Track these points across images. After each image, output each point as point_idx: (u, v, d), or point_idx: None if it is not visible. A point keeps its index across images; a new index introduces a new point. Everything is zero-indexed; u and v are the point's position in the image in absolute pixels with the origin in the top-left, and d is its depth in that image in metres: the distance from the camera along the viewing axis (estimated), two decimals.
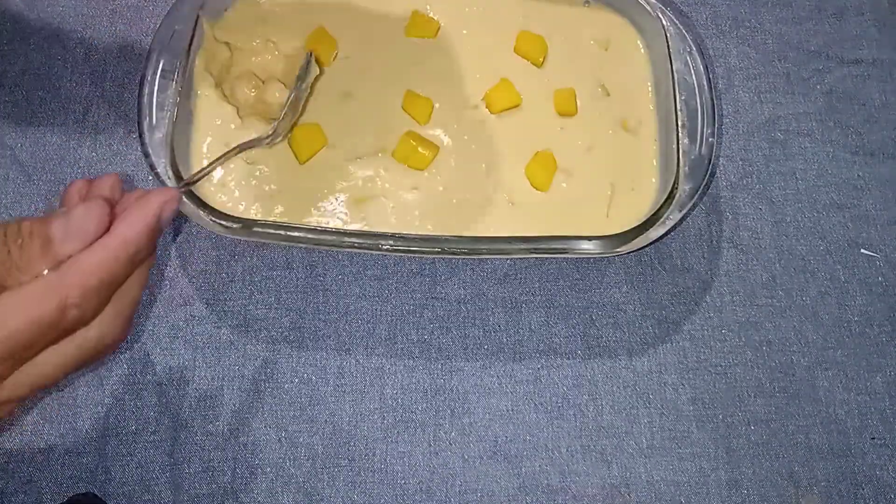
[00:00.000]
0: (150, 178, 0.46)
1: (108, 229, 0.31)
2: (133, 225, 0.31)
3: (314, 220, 0.49)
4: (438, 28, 0.54)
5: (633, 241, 0.47)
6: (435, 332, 0.51)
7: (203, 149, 0.50)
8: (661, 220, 0.48)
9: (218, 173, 0.50)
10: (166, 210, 0.33)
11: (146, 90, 0.48)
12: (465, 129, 0.52)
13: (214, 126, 0.50)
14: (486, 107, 0.52)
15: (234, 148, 0.45)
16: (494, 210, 0.50)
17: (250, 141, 0.47)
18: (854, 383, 0.51)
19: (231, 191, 0.49)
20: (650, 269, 0.53)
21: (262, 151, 0.50)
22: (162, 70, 0.48)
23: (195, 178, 0.41)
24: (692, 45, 0.51)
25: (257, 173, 0.50)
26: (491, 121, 0.52)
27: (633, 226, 0.48)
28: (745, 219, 0.55)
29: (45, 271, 0.30)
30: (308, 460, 0.48)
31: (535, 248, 0.47)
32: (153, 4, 0.58)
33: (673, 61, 0.51)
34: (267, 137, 0.47)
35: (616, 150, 0.52)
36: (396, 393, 0.50)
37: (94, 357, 0.32)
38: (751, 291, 0.53)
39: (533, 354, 0.51)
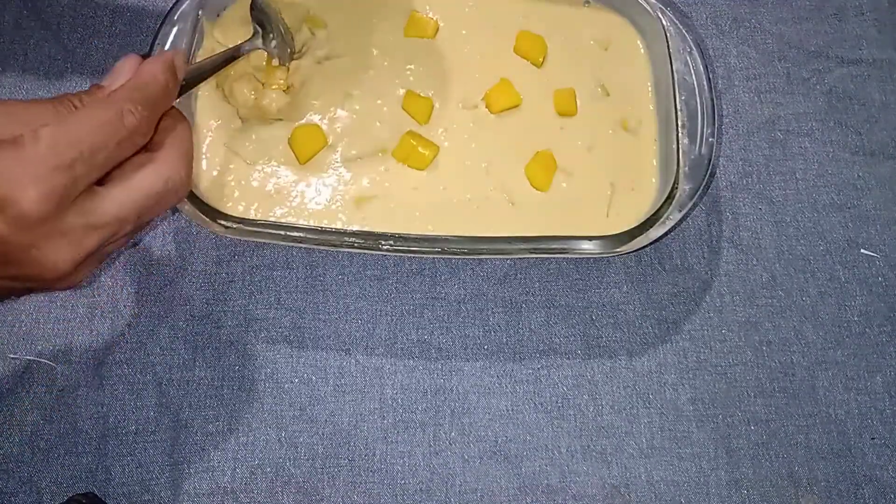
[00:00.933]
0: None
1: None
2: (154, 61, 0.38)
3: (314, 220, 0.49)
4: (437, 28, 0.54)
5: (633, 241, 0.47)
6: (435, 332, 0.51)
7: (203, 149, 0.50)
8: (661, 220, 0.48)
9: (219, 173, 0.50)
10: (177, 57, 0.39)
11: None
12: (465, 129, 0.52)
13: (214, 126, 0.50)
14: (486, 107, 0.52)
15: (232, 48, 0.47)
16: (494, 210, 0.50)
17: (241, 44, 0.48)
18: (854, 383, 0.51)
19: (231, 191, 0.49)
20: (650, 269, 0.53)
21: (262, 151, 0.50)
22: None
23: (193, 66, 0.44)
24: (692, 45, 0.51)
25: (257, 173, 0.50)
26: (491, 121, 0.52)
27: (633, 226, 0.48)
28: (745, 219, 0.55)
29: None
30: (308, 460, 0.48)
31: (535, 248, 0.47)
32: (153, 4, 0.59)
33: (673, 61, 0.51)
34: (248, 42, 0.48)
35: (616, 150, 0.52)
36: (396, 393, 0.50)
37: (167, 196, 0.37)
38: (751, 291, 0.53)
39: (533, 354, 0.51)
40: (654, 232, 0.47)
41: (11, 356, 0.50)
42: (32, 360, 0.50)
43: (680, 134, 0.49)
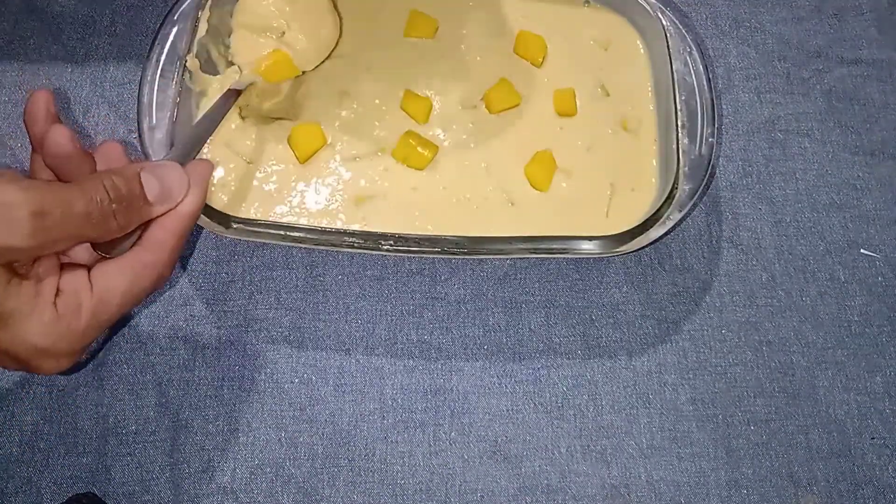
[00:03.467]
0: None
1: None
2: (198, 197, 0.37)
3: (314, 220, 0.49)
4: (437, 28, 0.54)
5: (633, 241, 0.47)
6: (435, 332, 0.51)
7: (203, 149, 0.50)
8: (661, 220, 0.48)
9: (219, 173, 0.50)
10: (210, 177, 0.39)
11: (146, 90, 0.48)
12: (465, 128, 0.52)
13: None
14: (486, 107, 0.52)
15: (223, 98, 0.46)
16: (494, 210, 0.50)
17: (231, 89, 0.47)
18: (854, 383, 0.51)
19: (231, 191, 0.49)
20: (650, 269, 0.53)
21: (262, 151, 0.50)
22: (162, 70, 0.48)
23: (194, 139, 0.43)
24: (692, 45, 0.51)
25: (257, 173, 0.50)
26: (490, 121, 0.52)
27: (633, 226, 0.48)
28: (745, 219, 0.55)
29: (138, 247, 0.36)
30: (308, 460, 0.48)
31: (535, 248, 0.47)
32: (153, 4, 0.59)
33: (673, 61, 0.51)
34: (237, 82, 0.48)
35: (616, 150, 0.52)
36: (396, 393, 0.50)
37: (154, 289, 0.37)
38: (751, 291, 0.53)
39: (533, 354, 0.51)
40: (654, 232, 0.47)
41: None
42: None
43: (680, 134, 0.49)
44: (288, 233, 0.47)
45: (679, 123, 0.49)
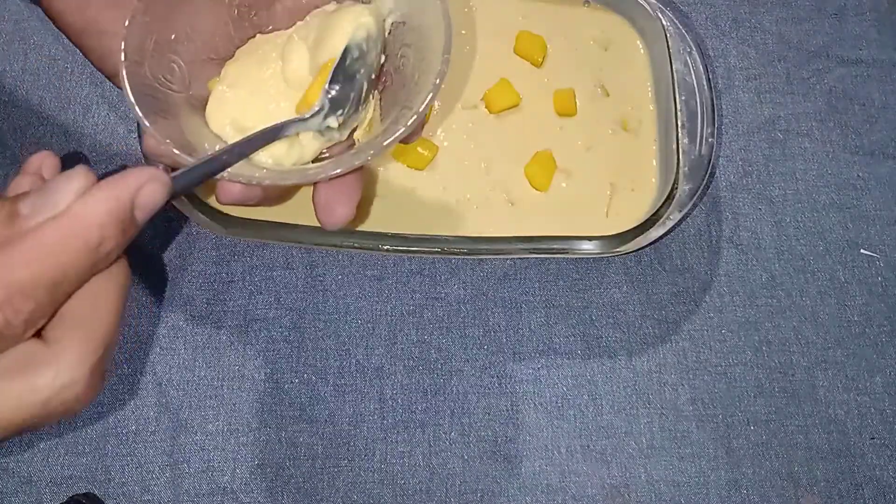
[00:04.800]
0: None
1: None
2: (96, 204, 0.23)
3: (314, 220, 0.49)
4: None
5: (633, 242, 0.47)
6: (435, 333, 0.51)
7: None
8: (661, 220, 0.48)
9: None
10: (144, 195, 0.24)
11: None
12: (465, 129, 0.52)
13: None
14: (486, 107, 0.52)
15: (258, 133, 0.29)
16: (494, 210, 0.50)
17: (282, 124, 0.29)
18: (854, 383, 0.51)
19: None
20: (650, 269, 0.53)
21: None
22: None
23: (194, 171, 0.29)
24: (692, 45, 0.51)
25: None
26: (490, 121, 0.52)
27: (632, 226, 0.48)
28: (745, 219, 0.55)
29: None
30: (308, 460, 0.48)
31: (535, 248, 0.47)
32: None
33: (673, 61, 0.51)
34: (313, 117, 0.31)
35: (616, 150, 0.52)
36: (396, 393, 0.50)
37: (52, 416, 0.25)
38: (751, 291, 0.53)
39: (533, 354, 0.51)
40: (654, 232, 0.47)
41: None
42: None
43: (680, 134, 0.49)
44: (288, 233, 0.47)
45: (679, 123, 0.49)
